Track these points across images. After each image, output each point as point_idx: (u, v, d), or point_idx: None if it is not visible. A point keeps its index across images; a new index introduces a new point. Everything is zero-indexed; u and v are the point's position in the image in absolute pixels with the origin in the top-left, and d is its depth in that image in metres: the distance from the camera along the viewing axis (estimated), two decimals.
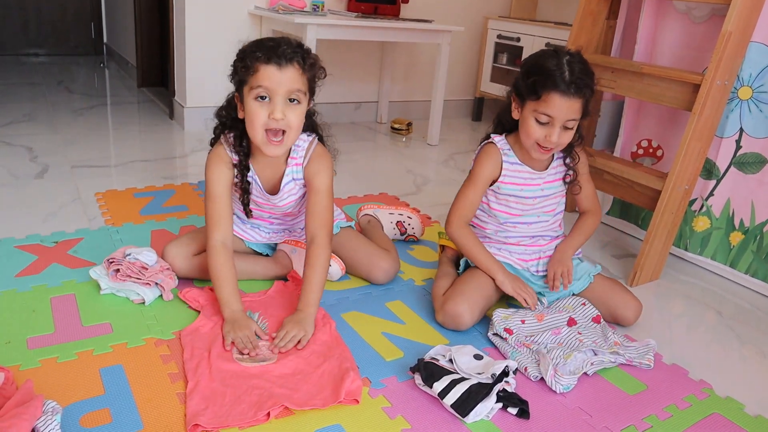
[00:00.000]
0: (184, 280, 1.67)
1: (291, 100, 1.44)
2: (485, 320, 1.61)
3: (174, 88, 3.47)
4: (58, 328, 1.43)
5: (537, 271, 1.72)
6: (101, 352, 1.36)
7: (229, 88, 1.54)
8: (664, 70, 1.95)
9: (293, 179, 1.61)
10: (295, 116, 1.46)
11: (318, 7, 3.29)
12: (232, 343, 1.39)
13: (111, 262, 1.60)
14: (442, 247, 1.88)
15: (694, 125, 1.83)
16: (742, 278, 2.05)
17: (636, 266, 1.96)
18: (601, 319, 1.61)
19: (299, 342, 1.41)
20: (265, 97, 1.43)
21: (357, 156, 3.15)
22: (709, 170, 2.05)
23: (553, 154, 1.67)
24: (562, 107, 1.48)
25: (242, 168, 1.56)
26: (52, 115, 3.40)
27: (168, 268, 1.63)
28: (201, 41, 3.20)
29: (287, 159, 1.59)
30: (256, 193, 1.62)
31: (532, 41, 3.73)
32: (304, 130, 1.58)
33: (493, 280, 1.62)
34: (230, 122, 1.55)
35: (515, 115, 1.59)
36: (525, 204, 1.67)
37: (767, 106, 1.92)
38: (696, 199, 2.10)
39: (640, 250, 1.96)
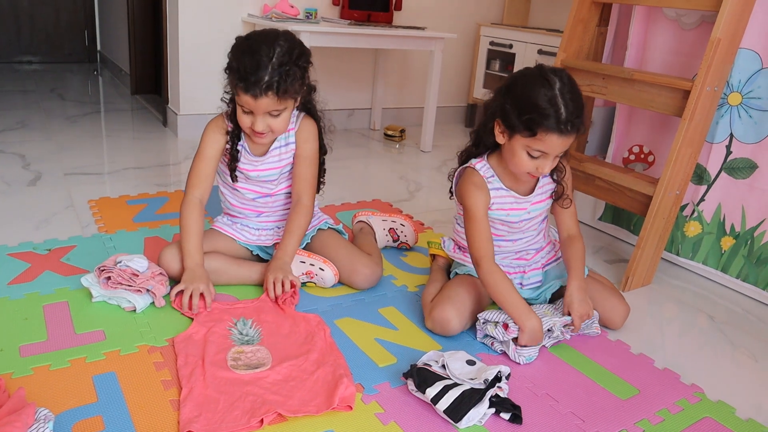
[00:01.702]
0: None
1: (271, 114, 1.57)
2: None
3: (167, 95, 3.48)
4: (50, 336, 1.43)
5: (521, 285, 1.70)
6: (94, 360, 1.35)
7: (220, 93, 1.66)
8: (655, 77, 1.96)
9: (284, 144, 1.71)
10: (278, 123, 1.59)
11: (311, 15, 3.31)
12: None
13: (102, 270, 1.59)
14: (433, 256, 1.89)
15: (685, 131, 1.85)
16: (734, 283, 2.06)
17: (628, 271, 1.97)
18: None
19: (284, 285, 1.59)
20: (248, 111, 1.56)
21: (350, 163, 3.15)
22: (699, 175, 2.07)
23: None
24: (558, 144, 1.44)
25: (233, 136, 1.67)
26: (46, 123, 3.40)
27: (160, 274, 1.63)
28: (194, 49, 3.21)
29: None
30: (244, 160, 1.70)
31: (525, 48, 3.75)
32: (299, 109, 1.71)
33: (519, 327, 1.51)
34: (232, 96, 1.64)
35: (500, 140, 1.52)
36: (511, 227, 1.65)
37: (757, 111, 1.93)
38: (687, 204, 2.11)
39: (632, 255, 1.97)
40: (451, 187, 1.70)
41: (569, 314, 1.55)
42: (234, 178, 1.72)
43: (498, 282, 1.52)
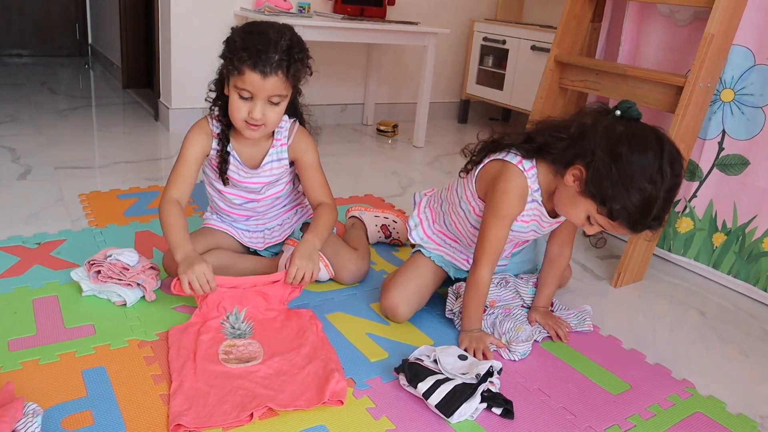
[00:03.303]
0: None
1: (271, 101, 1.49)
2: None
3: (159, 89, 3.45)
4: (40, 330, 1.42)
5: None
6: (84, 354, 1.34)
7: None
8: (648, 73, 1.97)
9: (277, 159, 1.65)
10: (274, 114, 1.52)
11: (304, 9, 3.29)
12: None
13: (92, 264, 1.58)
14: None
15: (678, 127, 1.85)
16: (725, 279, 2.07)
17: (620, 267, 1.98)
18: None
19: (303, 279, 1.51)
20: (248, 96, 1.47)
21: (343, 158, 3.15)
22: (692, 172, 2.07)
23: None
24: (621, 232, 1.35)
25: (222, 138, 1.60)
26: (36, 116, 3.37)
27: (150, 268, 1.62)
28: (186, 43, 3.18)
29: (272, 141, 1.64)
30: (234, 169, 1.64)
31: (518, 44, 3.75)
32: (286, 113, 1.63)
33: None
34: (218, 94, 1.60)
35: (568, 182, 1.36)
36: (519, 238, 1.61)
37: (749, 108, 1.94)
38: (679, 200, 2.12)
39: (624, 251, 1.97)
40: (470, 165, 1.56)
41: (537, 324, 1.62)
42: (225, 181, 1.66)
43: (480, 292, 1.49)
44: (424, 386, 1.26)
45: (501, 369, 1.37)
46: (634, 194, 1.25)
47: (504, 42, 3.85)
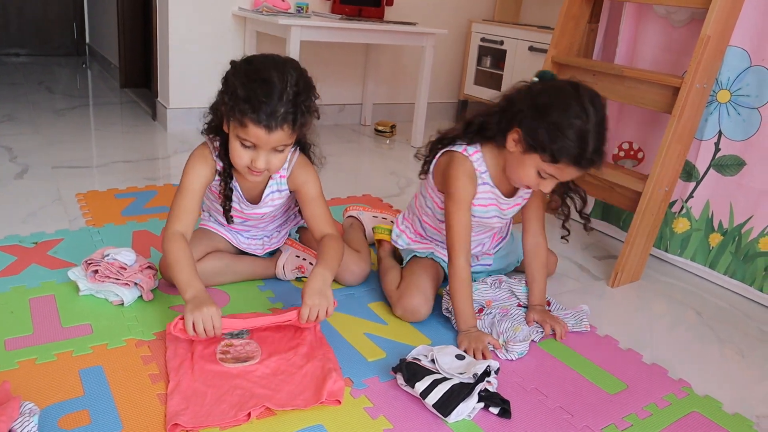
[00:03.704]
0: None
1: (276, 149, 1.41)
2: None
3: (157, 89, 3.45)
4: (36, 330, 1.42)
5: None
6: (81, 353, 1.34)
7: (213, 83, 1.47)
8: (645, 73, 1.97)
9: (277, 191, 1.60)
10: (278, 161, 1.43)
11: (302, 9, 3.29)
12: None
13: (89, 264, 1.58)
14: (379, 242, 1.90)
15: (674, 128, 1.86)
16: (721, 279, 2.07)
17: (617, 267, 1.98)
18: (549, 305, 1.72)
19: (318, 314, 1.38)
20: (250, 146, 1.39)
21: (341, 158, 3.15)
22: (688, 172, 2.08)
23: None
24: (572, 174, 1.44)
25: (226, 176, 1.53)
26: (33, 116, 3.36)
27: (148, 267, 1.62)
28: (184, 42, 3.18)
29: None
30: (236, 201, 1.59)
31: (516, 44, 3.76)
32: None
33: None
34: (218, 123, 1.49)
35: (511, 148, 1.47)
36: (483, 224, 1.67)
37: (745, 109, 1.94)
38: (676, 200, 2.12)
39: (621, 252, 1.97)
40: (425, 165, 1.67)
41: (536, 323, 1.63)
42: (229, 220, 1.61)
43: (463, 284, 1.52)
44: (421, 386, 1.27)
45: (498, 369, 1.37)
46: (568, 132, 1.36)
47: (502, 43, 3.85)
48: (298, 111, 1.36)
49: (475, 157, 1.55)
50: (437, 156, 1.63)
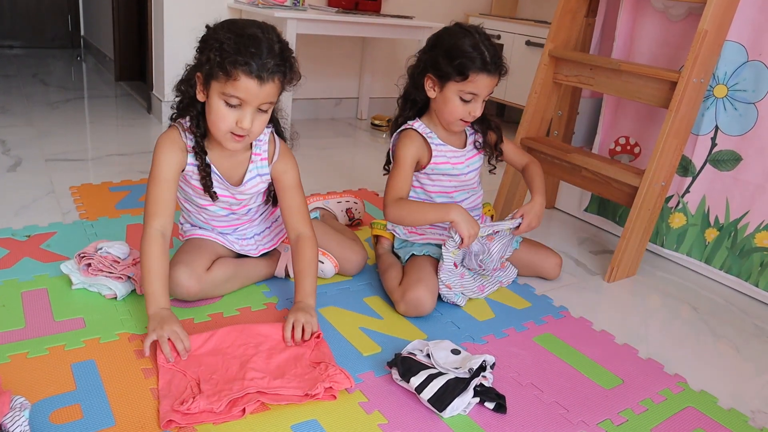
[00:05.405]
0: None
1: (260, 109, 1.38)
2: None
3: (152, 81, 3.43)
4: (28, 323, 1.40)
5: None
6: (73, 347, 1.33)
7: None
8: (642, 68, 1.96)
9: (258, 175, 1.54)
10: (261, 123, 1.40)
11: (298, 2, 3.27)
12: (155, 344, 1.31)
13: (82, 257, 1.57)
14: (377, 238, 1.90)
15: (671, 122, 1.85)
16: (717, 274, 2.07)
17: (613, 262, 1.98)
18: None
19: (304, 331, 1.38)
20: (236, 104, 1.35)
21: (337, 152, 3.13)
22: (685, 167, 2.07)
23: (465, 134, 1.78)
24: (487, 84, 1.59)
25: (199, 150, 1.46)
26: (27, 108, 3.34)
27: None
28: (180, 35, 3.16)
29: (250, 155, 1.53)
30: (217, 184, 1.51)
31: (513, 39, 3.74)
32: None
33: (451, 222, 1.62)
34: (188, 101, 1.45)
35: (431, 93, 1.65)
36: (457, 180, 1.76)
37: (742, 104, 1.94)
38: (672, 195, 2.12)
39: (617, 246, 1.97)
40: (388, 161, 1.78)
41: (521, 217, 1.74)
42: (213, 197, 1.52)
43: (409, 205, 1.65)
44: (416, 380, 1.26)
45: (494, 363, 1.37)
46: (463, 47, 1.56)
47: (499, 37, 3.84)
48: (287, 64, 1.37)
49: (417, 125, 1.71)
50: (392, 143, 1.76)
